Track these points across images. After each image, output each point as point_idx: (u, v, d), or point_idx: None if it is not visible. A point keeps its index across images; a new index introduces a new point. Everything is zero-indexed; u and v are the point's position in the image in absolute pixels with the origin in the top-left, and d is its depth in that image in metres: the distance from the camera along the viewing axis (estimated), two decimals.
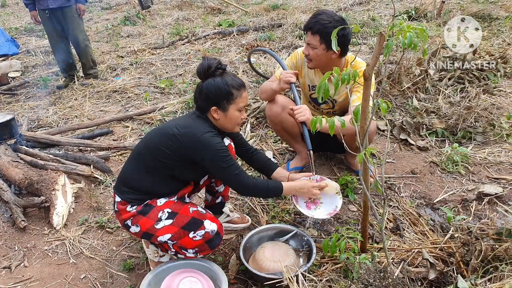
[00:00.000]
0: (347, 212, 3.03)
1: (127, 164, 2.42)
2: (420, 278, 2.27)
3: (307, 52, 2.93)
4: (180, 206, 2.31)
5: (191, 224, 2.23)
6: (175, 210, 2.28)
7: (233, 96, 2.28)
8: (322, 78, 1.86)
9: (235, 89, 2.28)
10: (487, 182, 3.25)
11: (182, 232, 2.22)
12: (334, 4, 9.91)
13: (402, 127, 3.98)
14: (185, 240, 2.22)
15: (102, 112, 5.07)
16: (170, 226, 2.23)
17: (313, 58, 2.92)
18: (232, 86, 2.27)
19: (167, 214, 2.26)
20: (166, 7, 11.55)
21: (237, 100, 2.30)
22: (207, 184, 2.75)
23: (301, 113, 2.78)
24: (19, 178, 3.24)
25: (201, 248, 2.26)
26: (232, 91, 2.27)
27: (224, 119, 2.33)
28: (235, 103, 2.30)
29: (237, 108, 2.32)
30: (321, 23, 2.76)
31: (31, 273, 2.65)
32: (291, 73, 2.94)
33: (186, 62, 6.73)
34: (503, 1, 8.32)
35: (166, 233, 2.22)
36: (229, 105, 2.29)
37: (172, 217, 2.25)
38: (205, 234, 2.22)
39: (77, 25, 5.65)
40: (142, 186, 2.31)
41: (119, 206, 2.33)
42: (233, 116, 2.33)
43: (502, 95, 4.56)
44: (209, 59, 2.29)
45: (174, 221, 2.23)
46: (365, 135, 2.00)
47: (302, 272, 2.26)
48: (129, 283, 2.52)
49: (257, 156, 2.72)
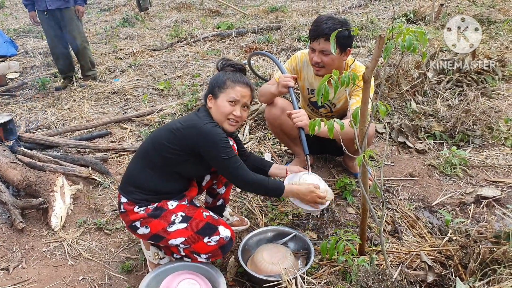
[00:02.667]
0: (346, 215, 3.04)
1: (132, 163, 2.41)
2: (419, 281, 2.27)
3: (319, 60, 2.86)
4: (193, 211, 2.31)
5: (205, 229, 2.24)
6: (189, 214, 2.28)
7: (225, 84, 2.32)
8: (322, 80, 1.87)
9: (230, 80, 2.33)
10: (485, 185, 3.26)
11: (196, 237, 2.22)
12: (333, 7, 9.93)
13: (401, 130, 3.99)
14: (199, 244, 2.23)
15: (100, 114, 5.06)
16: (184, 230, 2.23)
17: (328, 64, 2.86)
18: (229, 77, 2.34)
19: (180, 217, 2.25)
20: (165, 9, 11.57)
21: (228, 90, 2.32)
22: (209, 186, 2.75)
23: (299, 118, 2.76)
24: (17, 180, 3.24)
25: (214, 253, 2.27)
26: (226, 81, 2.33)
27: (215, 109, 2.35)
28: (226, 92, 2.31)
29: (227, 98, 2.31)
30: (333, 27, 2.70)
31: (29, 274, 2.64)
32: (290, 77, 2.92)
33: (185, 64, 6.73)
34: (501, 5, 8.35)
35: (180, 236, 2.22)
36: (220, 92, 2.33)
37: (186, 221, 2.24)
38: (219, 240, 2.24)
39: (76, 27, 5.66)
40: (148, 184, 2.30)
41: (126, 207, 2.30)
42: (221, 105, 2.32)
43: (500, 98, 4.57)
44: (228, 59, 2.47)
45: (188, 225, 2.24)
46: (364, 138, 2.01)
47: (300, 274, 2.26)
48: (127, 285, 2.52)
49: (252, 157, 2.74)
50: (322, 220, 2.99)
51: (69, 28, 5.59)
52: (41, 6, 5.42)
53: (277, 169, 2.68)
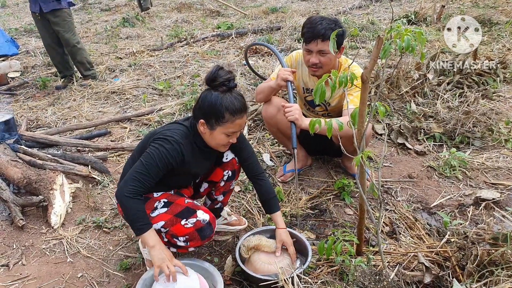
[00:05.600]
0: (344, 215, 3.04)
1: (127, 162, 2.45)
2: (416, 282, 2.27)
3: (317, 61, 2.88)
4: (176, 197, 2.32)
5: (184, 212, 2.22)
6: (171, 200, 2.29)
7: (223, 119, 2.13)
8: (320, 80, 1.87)
9: (229, 113, 2.12)
10: (484, 187, 3.26)
11: (174, 219, 2.20)
12: (333, 8, 9.95)
13: (400, 131, 3.99)
14: (177, 227, 2.20)
15: (100, 113, 5.07)
16: (164, 214, 2.23)
17: (326, 64, 2.90)
18: (227, 108, 2.12)
19: (163, 203, 2.27)
20: (165, 9, 11.58)
21: (227, 124, 2.15)
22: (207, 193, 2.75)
23: (291, 112, 2.81)
24: (17, 177, 3.24)
25: (191, 236, 2.21)
26: (224, 114, 2.12)
27: (209, 136, 2.23)
28: (224, 127, 2.16)
29: (225, 132, 2.19)
30: (329, 27, 2.77)
31: (28, 271, 2.65)
32: (289, 71, 2.97)
33: (185, 64, 6.74)
34: (503, 6, 8.35)
35: (160, 220, 2.21)
36: (217, 126, 2.16)
37: (167, 206, 2.25)
38: (196, 222, 2.19)
39: (68, 28, 5.67)
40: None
41: None
42: (218, 138, 2.21)
43: (501, 100, 4.57)
44: (221, 71, 2.16)
45: (168, 209, 2.24)
46: (362, 138, 2.01)
47: (297, 274, 2.26)
48: (126, 283, 2.52)
49: (262, 187, 2.57)
50: (320, 221, 3.00)
51: (62, 29, 5.60)
52: (34, 9, 5.46)
53: (274, 219, 2.58)
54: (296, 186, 3.10)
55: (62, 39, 5.69)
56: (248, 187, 3.39)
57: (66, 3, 5.58)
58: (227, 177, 2.61)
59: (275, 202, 2.57)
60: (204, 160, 2.40)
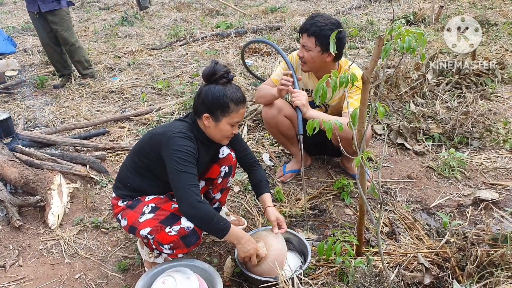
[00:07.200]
0: (343, 216, 3.03)
1: (124, 162, 2.46)
2: (416, 283, 2.27)
3: (301, 54, 2.95)
4: (164, 202, 2.31)
5: (169, 219, 2.20)
6: (158, 205, 2.28)
7: (229, 109, 2.21)
8: (320, 81, 1.87)
9: (233, 103, 2.20)
10: (483, 187, 3.26)
11: (159, 226, 2.18)
12: (333, 8, 9.95)
13: (399, 132, 3.98)
14: (161, 234, 2.17)
15: (98, 112, 5.05)
16: (151, 219, 2.21)
17: (308, 61, 2.95)
18: (231, 99, 2.19)
19: (150, 208, 2.26)
20: (164, 8, 11.56)
21: (232, 114, 2.23)
22: (204, 191, 2.74)
23: (298, 97, 2.81)
24: (14, 177, 3.22)
25: (176, 244, 2.18)
26: (229, 104, 2.20)
27: (214, 129, 2.28)
28: (229, 117, 2.23)
29: (230, 122, 2.26)
30: (318, 25, 2.79)
31: (25, 272, 2.63)
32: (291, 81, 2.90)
33: (184, 64, 6.73)
34: (501, 7, 8.37)
35: (146, 226, 2.19)
36: (222, 117, 2.23)
37: (154, 211, 2.24)
38: (180, 229, 2.15)
39: (66, 27, 5.64)
40: (132, 184, 2.35)
41: (113, 201, 2.40)
42: (224, 129, 2.27)
43: (499, 101, 4.57)
44: (218, 65, 2.22)
45: (154, 215, 2.22)
46: (362, 139, 2.00)
47: (297, 275, 2.25)
48: (124, 284, 2.51)
49: (254, 173, 2.65)
50: (320, 221, 2.99)
51: (60, 27, 5.58)
52: (32, 8, 5.43)
53: (262, 199, 2.59)
54: (303, 184, 3.08)
55: (60, 37, 5.67)
56: (247, 187, 3.38)
57: (66, 2, 5.56)
58: (224, 173, 2.62)
59: (265, 184, 2.62)
60: (205, 155, 2.43)
